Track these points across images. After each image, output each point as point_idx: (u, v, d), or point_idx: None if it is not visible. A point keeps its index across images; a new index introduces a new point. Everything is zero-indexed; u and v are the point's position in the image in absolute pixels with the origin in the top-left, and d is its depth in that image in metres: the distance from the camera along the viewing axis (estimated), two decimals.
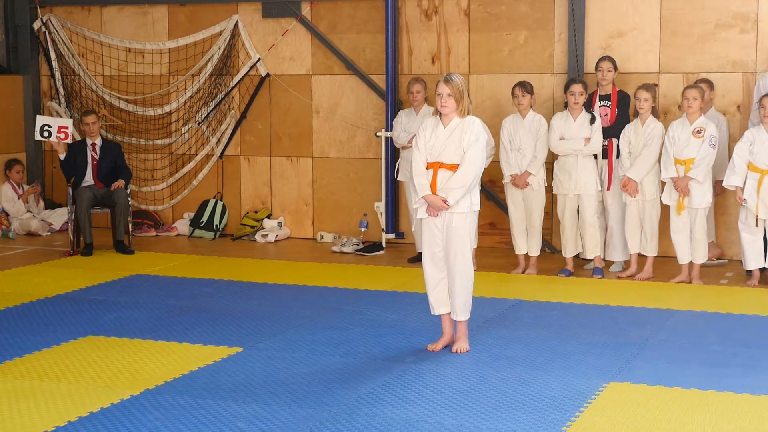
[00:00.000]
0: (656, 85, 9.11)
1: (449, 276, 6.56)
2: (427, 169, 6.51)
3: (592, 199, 9.00)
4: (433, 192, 6.45)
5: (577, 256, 9.32)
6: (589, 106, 9.12)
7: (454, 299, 6.56)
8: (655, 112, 8.88)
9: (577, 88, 8.93)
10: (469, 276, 6.55)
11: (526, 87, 9.09)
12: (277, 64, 11.19)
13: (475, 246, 7.80)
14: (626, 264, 9.29)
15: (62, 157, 10.37)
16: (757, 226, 8.54)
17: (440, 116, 6.53)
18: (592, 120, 8.92)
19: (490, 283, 8.65)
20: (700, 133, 8.56)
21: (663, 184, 8.82)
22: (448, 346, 6.65)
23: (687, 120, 8.63)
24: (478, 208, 6.58)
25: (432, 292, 6.62)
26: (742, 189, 8.51)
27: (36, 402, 5.57)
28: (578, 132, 8.94)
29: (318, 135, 11.14)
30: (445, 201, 6.41)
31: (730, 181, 8.58)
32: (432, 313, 6.68)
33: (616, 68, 9.28)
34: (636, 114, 8.96)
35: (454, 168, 6.44)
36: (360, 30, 10.83)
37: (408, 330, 7.13)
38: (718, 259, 9.52)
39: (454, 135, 6.46)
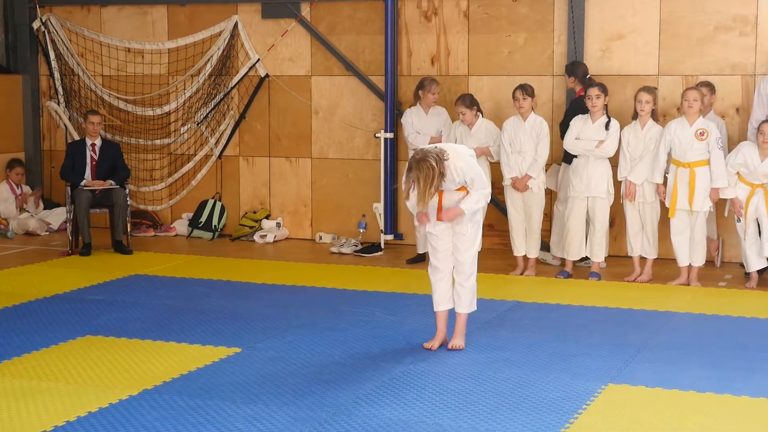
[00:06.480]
0: (656, 88, 9.09)
1: (456, 270, 6.60)
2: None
3: (602, 203, 8.93)
4: (439, 213, 6.49)
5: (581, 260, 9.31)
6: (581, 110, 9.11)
7: (462, 293, 6.60)
8: (654, 114, 8.88)
9: (593, 91, 8.83)
10: (474, 269, 6.62)
11: (526, 90, 9.06)
12: (277, 65, 11.19)
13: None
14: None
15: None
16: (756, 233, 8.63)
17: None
18: (608, 124, 8.86)
19: (488, 284, 8.63)
20: (703, 135, 8.56)
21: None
22: (445, 345, 6.66)
23: (686, 121, 8.62)
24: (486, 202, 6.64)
25: (437, 287, 6.63)
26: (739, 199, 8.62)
27: (34, 402, 5.57)
28: (594, 134, 8.86)
29: (317, 136, 11.13)
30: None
31: (725, 194, 8.66)
32: (435, 309, 6.68)
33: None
34: (635, 116, 8.95)
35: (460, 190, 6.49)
36: (359, 31, 10.82)
37: (406, 331, 7.13)
38: (716, 249, 9.55)
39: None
